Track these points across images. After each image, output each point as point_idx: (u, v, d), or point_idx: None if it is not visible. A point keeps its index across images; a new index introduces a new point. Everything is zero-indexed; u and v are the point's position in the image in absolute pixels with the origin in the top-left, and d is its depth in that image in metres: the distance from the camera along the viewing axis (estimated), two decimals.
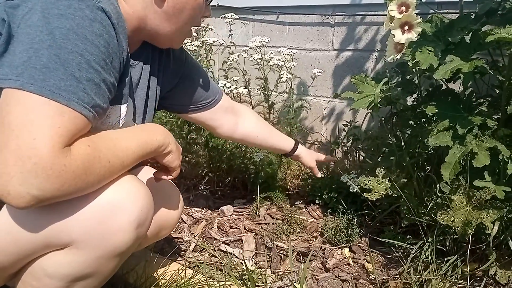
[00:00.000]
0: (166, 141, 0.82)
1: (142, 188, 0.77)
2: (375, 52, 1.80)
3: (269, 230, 1.46)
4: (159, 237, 1.07)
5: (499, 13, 1.14)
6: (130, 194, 0.74)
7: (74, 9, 0.66)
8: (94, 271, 0.73)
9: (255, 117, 1.38)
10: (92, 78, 0.66)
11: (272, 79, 1.73)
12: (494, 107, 1.15)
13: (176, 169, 0.88)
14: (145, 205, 0.76)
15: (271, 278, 1.21)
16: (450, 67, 1.02)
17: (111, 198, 0.71)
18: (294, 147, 1.43)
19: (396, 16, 1.15)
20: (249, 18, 2.10)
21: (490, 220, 1.00)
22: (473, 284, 1.11)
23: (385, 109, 1.46)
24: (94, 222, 0.69)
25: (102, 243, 0.71)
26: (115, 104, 0.81)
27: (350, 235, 1.35)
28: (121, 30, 0.75)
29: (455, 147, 1.02)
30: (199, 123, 1.29)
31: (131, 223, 0.72)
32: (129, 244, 0.74)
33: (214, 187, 1.75)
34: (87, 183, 0.66)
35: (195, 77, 1.15)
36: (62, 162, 0.60)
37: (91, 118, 0.66)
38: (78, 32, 0.65)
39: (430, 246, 1.12)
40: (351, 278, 1.20)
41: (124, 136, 0.74)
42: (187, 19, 0.89)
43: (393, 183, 1.22)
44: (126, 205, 0.72)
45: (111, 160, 0.69)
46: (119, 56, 0.74)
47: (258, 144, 1.39)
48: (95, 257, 0.71)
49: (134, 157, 0.75)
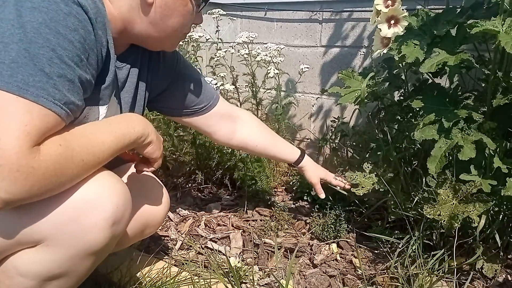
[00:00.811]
0: (146, 131, 0.79)
1: (118, 184, 0.74)
2: (363, 48, 1.79)
3: (257, 227, 1.45)
4: (144, 235, 1.05)
5: (485, 6, 1.14)
6: (105, 190, 0.71)
7: (48, 2, 0.63)
8: (67, 270, 0.71)
9: (256, 124, 1.31)
10: (64, 74, 0.63)
11: (260, 75, 1.72)
12: (480, 100, 1.15)
13: (157, 160, 0.86)
14: (121, 202, 0.73)
15: (259, 275, 1.20)
16: (436, 60, 1.01)
17: (85, 195, 0.69)
18: (299, 158, 1.36)
19: (382, 10, 1.15)
20: (237, 15, 2.08)
21: (477, 214, 1.00)
22: (460, 278, 1.11)
23: (373, 105, 1.46)
24: (66, 219, 0.67)
25: (75, 241, 0.69)
26: (93, 105, 0.78)
27: (338, 230, 1.35)
28: (100, 25, 0.71)
29: (441, 140, 1.02)
30: (195, 128, 1.25)
31: (106, 221, 0.70)
32: (104, 242, 0.71)
33: (202, 185, 1.73)
34: (59, 184, 0.64)
35: (186, 80, 1.12)
36: (30, 164, 0.58)
37: (64, 115, 0.64)
38: (51, 26, 0.62)
39: (417, 241, 1.12)
40: (338, 274, 1.19)
41: (100, 130, 0.72)
42: (176, 26, 0.87)
43: (380, 178, 1.21)
44: (100, 202, 0.70)
45: (85, 158, 0.67)
46: (96, 53, 0.71)
47: (258, 152, 1.34)
48: (68, 256, 0.69)
49: (110, 152, 0.72)
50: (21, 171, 0.57)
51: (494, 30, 0.93)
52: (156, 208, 1.02)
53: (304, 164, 1.37)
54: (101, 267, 1.14)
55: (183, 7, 0.85)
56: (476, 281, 1.13)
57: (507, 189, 0.96)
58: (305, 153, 1.38)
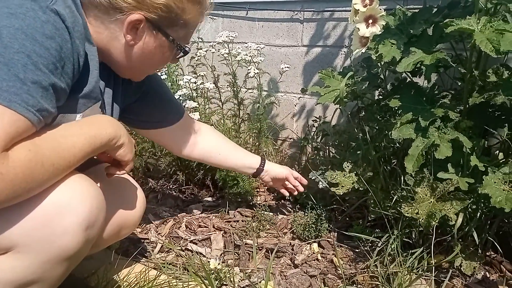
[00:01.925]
0: (118, 133, 0.78)
1: (90, 187, 0.73)
2: (344, 47, 1.80)
3: (239, 228, 1.44)
4: (121, 236, 1.03)
5: (461, 5, 1.15)
6: (77, 194, 0.70)
7: (25, 9, 0.63)
8: (40, 276, 0.69)
9: (218, 136, 1.34)
10: (39, 80, 0.62)
11: (241, 75, 1.70)
12: (457, 99, 1.16)
13: (129, 163, 0.84)
14: (95, 206, 0.72)
15: (239, 276, 1.19)
16: (413, 59, 1.02)
17: (56, 199, 0.67)
18: (260, 165, 1.38)
19: (360, 10, 1.15)
20: (218, 14, 2.06)
21: (454, 212, 1.01)
22: (439, 276, 1.12)
23: (353, 104, 1.46)
24: (37, 224, 0.66)
25: (47, 247, 0.67)
26: (68, 113, 0.77)
27: (319, 230, 1.35)
28: (78, 35, 0.71)
29: (418, 139, 1.02)
30: (156, 141, 1.30)
31: (79, 225, 0.69)
32: (78, 247, 0.70)
33: (183, 186, 1.71)
34: (28, 189, 0.63)
35: (156, 93, 1.13)
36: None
37: (36, 122, 0.63)
38: (27, 33, 0.62)
39: (396, 239, 1.12)
40: (319, 274, 1.19)
41: (70, 133, 0.71)
42: (151, 66, 0.91)
43: (360, 177, 1.21)
44: (73, 206, 0.69)
45: (56, 163, 0.66)
46: (72, 62, 0.71)
47: (220, 161, 1.34)
48: (41, 262, 0.68)
49: (82, 155, 0.71)
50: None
51: (469, 29, 0.94)
52: (132, 208, 1.01)
53: (268, 168, 1.40)
54: (78, 271, 1.12)
55: (162, 54, 0.89)
56: (455, 279, 1.14)
57: (484, 187, 0.97)
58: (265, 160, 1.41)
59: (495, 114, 1.15)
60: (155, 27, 0.83)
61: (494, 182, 0.97)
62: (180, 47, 0.90)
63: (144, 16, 0.80)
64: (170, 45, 0.88)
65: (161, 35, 0.85)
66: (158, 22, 0.83)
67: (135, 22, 0.80)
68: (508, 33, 0.90)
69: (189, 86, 1.52)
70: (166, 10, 0.82)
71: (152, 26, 0.83)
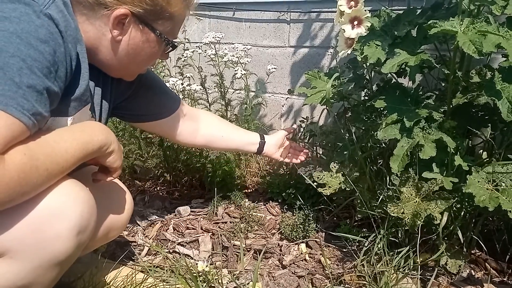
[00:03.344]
0: (108, 140, 0.79)
1: (82, 192, 0.73)
2: (330, 48, 1.81)
3: (227, 229, 1.44)
4: (108, 238, 1.04)
5: (445, 7, 1.17)
6: (69, 199, 0.70)
7: (20, 13, 0.63)
8: (32, 282, 0.69)
9: (217, 119, 1.35)
10: (34, 84, 0.63)
11: (229, 76, 1.70)
12: (441, 100, 1.17)
13: (118, 170, 0.84)
14: (86, 210, 0.72)
15: (228, 278, 1.18)
16: (397, 61, 1.03)
17: (48, 205, 0.67)
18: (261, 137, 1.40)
19: (346, 11, 1.16)
20: (205, 14, 2.06)
21: (439, 211, 1.02)
22: (425, 274, 1.13)
23: (339, 105, 1.47)
24: (29, 230, 0.66)
25: (39, 253, 0.67)
26: (59, 116, 0.77)
27: (307, 230, 1.35)
28: (70, 39, 0.72)
29: (403, 139, 1.03)
30: (157, 133, 1.26)
31: (70, 230, 0.69)
32: (69, 252, 0.70)
33: (171, 188, 1.71)
34: (23, 193, 0.63)
35: (150, 85, 1.13)
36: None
37: (31, 125, 0.63)
38: (22, 37, 0.62)
39: (382, 239, 1.13)
40: (307, 274, 1.20)
41: (63, 138, 0.71)
42: (140, 64, 0.91)
43: (347, 178, 1.22)
44: (64, 212, 0.69)
45: (50, 168, 0.66)
46: (65, 65, 0.71)
47: (225, 144, 1.34)
48: (32, 267, 0.68)
49: (73, 161, 0.71)
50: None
51: (452, 31, 0.95)
52: (120, 210, 1.01)
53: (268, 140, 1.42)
54: (64, 275, 1.09)
55: (150, 49, 0.88)
56: (440, 277, 1.16)
57: (468, 186, 0.98)
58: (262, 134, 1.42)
59: (478, 114, 1.16)
60: (141, 21, 0.83)
61: (478, 181, 0.99)
62: (168, 41, 0.90)
63: (130, 10, 0.80)
64: (158, 39, 0.88)
65: (148, 29, 0.85)
66: (143, 15, 0.83)
67: (120, 17, 0.80)
68: (490, 35, 0.91)
69: (176, 88, 1.51)
70: (150, 3, 0.82)
71: (138, 20, 0.83)
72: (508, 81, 0.97)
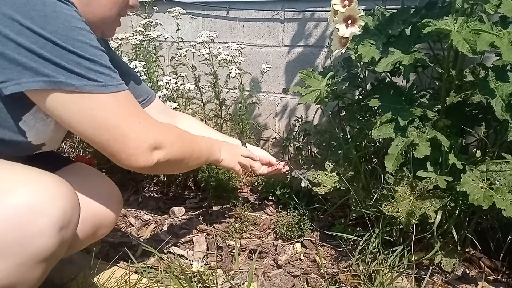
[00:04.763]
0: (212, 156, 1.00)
1: (63, 188, 0.72)
2: (324, 48, 1.80)
3: (221, 229, 1.43)
4: (98, 237, 1.02)
5: (439, 5, 1.17)
6: (49, 195, 0.69)
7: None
8: (17, 280, 0.68)
9: (195, 120, 1.31)
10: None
11: (223, 75, 1.69)
12: (435, 98, 1.17)
13: (239, 172, 1.16)
14: (68, 206, 0.72)
15: (222, 278, 1.18)
16: (391, 59, 1.03)
17: (28, 201, 0.66)
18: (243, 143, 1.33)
19: (340, 10, 1.16)
20: (198, 13, 2.05)
21: (433, 210, 1.02)
22: (419, 273, 1.13)
23: (334, 104, 1.47)
24: (10, 227, 0.64)
25: (20, 250, 0.66)
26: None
27: (302, 230, 1.35)
28: None
29: (397, 138, 1.03)
30: None
31: (52, 226, 0.68)
32: (53, 248, 0.69)
33: (165, 188, 1.69)
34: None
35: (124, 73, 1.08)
36: None
37: None
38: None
39: (377, 237, 1.13)
40: (302, 273, 1.19)
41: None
42: (109, 4, 0.84)
43: (341, 177, 1.22)
44: (45, 207, 0.68)
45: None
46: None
47: None
48: (15, 265, 0.67)
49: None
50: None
51: (446, 29, 0.95)
52: (108, 207, 0.99)
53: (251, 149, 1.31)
54: (57, 277, 1.09)
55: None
56: (435, 276, 1.16)
57: (462, 185, 0.98)
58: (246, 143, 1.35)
59: (472, 113, 1.17)
60: None
61: (472, 180, 0.99)
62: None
63: None
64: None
65: None
66: None
67: None
68: (484, 33, 0.91)
69: (170, 87, 1.50)
70: None
71: None
72: (501, 79, 0.97)
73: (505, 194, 0.94)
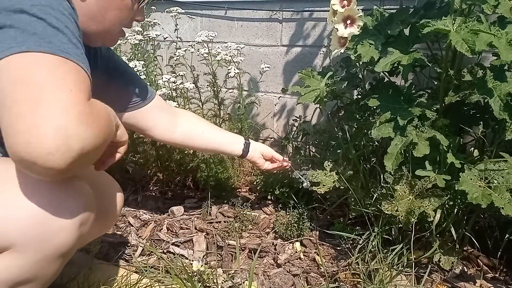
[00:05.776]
0: (112, 112, 0.76)
1: (83, 185, 0.74)
2: (323, 47, 1.81)
3: (221, 228, 1.43)
4: (100, 233, 1.04)
5: (437, 6, 1.18)
6: (71, 192, 0.71)
7: None
8: (35, 275, 0.70)
9: (197, 116, 1.29)
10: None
11: (221, 75, 1.70)
12: (433, 98, 1.18)
13: (125, 144, 0.82)
14: (88, 203, 0.73)
15: (222, 277, 1.18)
16: (390, 59, 1.03)
17: (51, 197, 0.68)
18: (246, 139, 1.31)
19: (339, 10, 1.16)
20: (197, 13, 2.05)
21: (432, 208, 1.03)
22: (418, 271, 1.14)
23: (333, 103, 1.48)
24: (34, 223, 0.66)
25: (43, 245, 0.67)
26: None
27: (301, 229, 1.35)
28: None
29: (396, 138, 1.04)
30: (131, 126, 1.16)
31: (74, 222, 0.69)
32: (72, 244, 0.71)
33: (164, 188, 1.70)
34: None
35: (124, 73, 1.10)
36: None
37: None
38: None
39: (376, 236, 1.14)
40: (302, 272, 1.20)
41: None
42: (114, 20, 0.84)
43: (340, 176, 1.23)
44: (68, 204, 0.69)
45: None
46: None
47: (206, 142, 1.25)
48: (36, 260, 0.68)
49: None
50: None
51: (445, 30, 0.96)
52: (111, 204, 1.00)
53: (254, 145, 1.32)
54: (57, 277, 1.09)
55: (121, 1, 0.83)
56: (434, 274, 1.17)
57: (460, 183, 0.99)
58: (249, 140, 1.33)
59: (470, 113, 1.18)
60: None
61: (470, 179, 1.00)
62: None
63: None
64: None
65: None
66: None
67: None
68: (482, 33, 0.92)
69: (169, 86, 1.50)
70: None
71: None
72: (499, 79, 0.98)
73: (503, 193, 0.95)
